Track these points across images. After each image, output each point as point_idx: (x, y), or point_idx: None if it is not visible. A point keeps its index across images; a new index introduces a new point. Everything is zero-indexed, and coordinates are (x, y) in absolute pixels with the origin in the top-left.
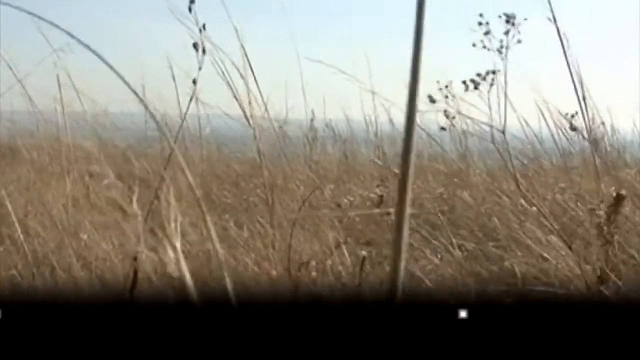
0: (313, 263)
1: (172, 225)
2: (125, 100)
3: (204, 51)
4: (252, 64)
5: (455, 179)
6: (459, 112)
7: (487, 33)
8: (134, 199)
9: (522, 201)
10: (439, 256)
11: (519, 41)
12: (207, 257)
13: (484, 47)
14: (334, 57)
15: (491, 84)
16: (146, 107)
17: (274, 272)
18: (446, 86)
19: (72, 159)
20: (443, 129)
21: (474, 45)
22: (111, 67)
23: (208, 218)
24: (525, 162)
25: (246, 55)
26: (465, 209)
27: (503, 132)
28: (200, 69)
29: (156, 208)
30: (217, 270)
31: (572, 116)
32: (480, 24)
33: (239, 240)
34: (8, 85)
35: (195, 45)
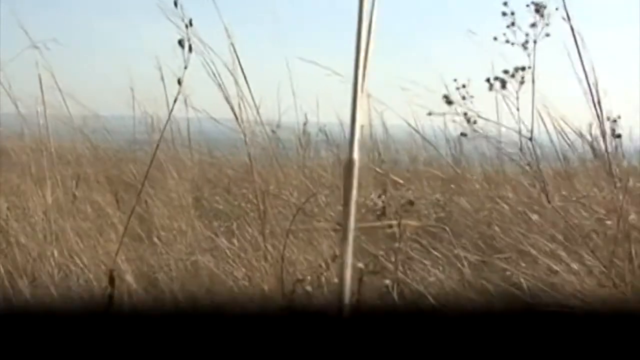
0: (308, 278)
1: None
2: (115, 103)
3: (190, 48)
4: (244, 67)
5: (452, 185)
6: (479, 116)
7: (511, 25)
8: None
9: (522, 208)
10: (441, 268)
11: (548, 35)
12: (195, 269)
13: (507, 41)
14: (327, 59)
15: (521, 82)
16: None
17: (265, 287)
18: (464, 85)
19: (55, 163)
20: (464, 135)
21: (495, 39)
22: None
23: (197, 224)
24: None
25: (236, 54)
26: (463, 216)
27: (530, 139)
28: (186, 67)
29: (145, 213)
30: (204, 285)
31: (614, 121)
32: (504, 14)
33: (228, 251)
34: None
35: (180, 42)
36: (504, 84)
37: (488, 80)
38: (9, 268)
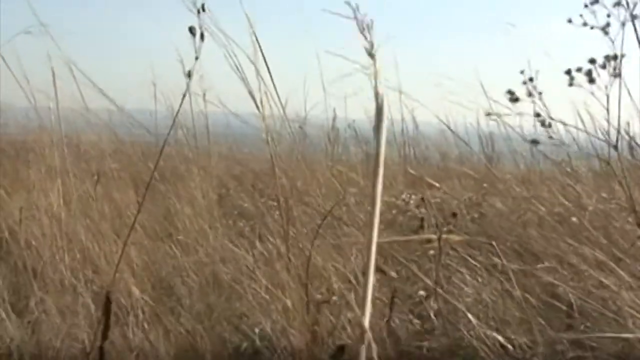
0: (334, 299)
1: None
2: (140, 97)
3: (202, 37)
4: (271, 61)
5: (485, 184)
6: (551, 118)
7: (592, 3)
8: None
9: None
10: (479, 279)
11: (635, 17)
12: (214, 279)
13: (585, 24)
14: (356, 54)
15: (614, 75)
16: None
17: (288, 302)
18: (531, 79)
19: (75, 158)
20: (535, 142)
21: (569, 21)
22: None
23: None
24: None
25: (258, 43)
26: (498, 217)
27: (615, 147)
28: (197, 58)
29: (167, 212)
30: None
31: None
32: None
33: (249, 259)
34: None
35: (191, 30)
36: (591, 78)
37: (568, 72)
38: (18, 273)
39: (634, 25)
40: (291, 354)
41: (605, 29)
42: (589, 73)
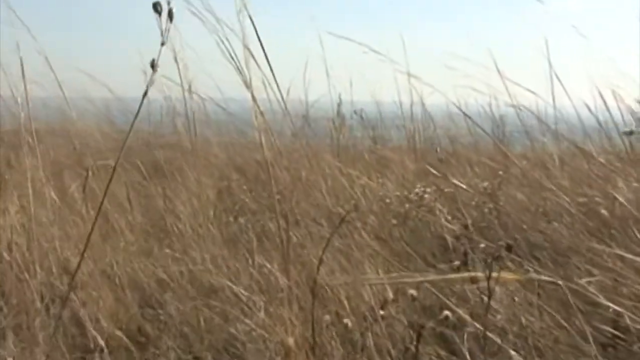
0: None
1: None
2: (139, 85)
3: (170, 16)
4: (274, 46)
5: (500, 172)
6: None
7: None
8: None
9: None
10: (515, 299)
11: None
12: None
13: None
14: (361, 35)
15: None
16: None
17: (290, 341)
18: None
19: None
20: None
21: None
22: None
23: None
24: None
25: (254, 24)
26: (518, 209)
27: None
28: (163, 43)
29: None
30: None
31: None
32: None
33: (245, 283)
34: None
35: (155, 6)
36: None
37: None
38: None
39: None
40: None
41: None
42: None
